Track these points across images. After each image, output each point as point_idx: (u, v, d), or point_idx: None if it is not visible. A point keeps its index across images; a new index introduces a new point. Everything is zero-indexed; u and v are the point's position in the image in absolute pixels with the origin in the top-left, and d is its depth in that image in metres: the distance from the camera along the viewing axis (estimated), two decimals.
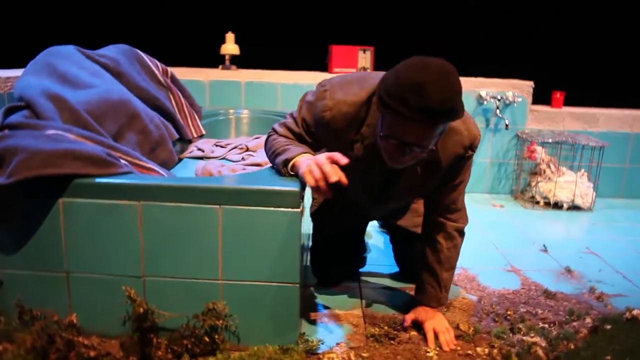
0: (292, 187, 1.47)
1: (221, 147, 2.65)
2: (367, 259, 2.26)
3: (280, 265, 1.51)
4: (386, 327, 1.70)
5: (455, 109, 1.33)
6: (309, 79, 3.16)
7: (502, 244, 2.49)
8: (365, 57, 3.24)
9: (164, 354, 1.50)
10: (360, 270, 2.17)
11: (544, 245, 2.44)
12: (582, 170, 3.06)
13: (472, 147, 1.56)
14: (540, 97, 3.29)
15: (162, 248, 1.51)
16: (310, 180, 1.41)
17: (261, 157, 2.30)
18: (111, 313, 1.54)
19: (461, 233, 1.71)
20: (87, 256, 1.53)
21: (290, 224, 1.48)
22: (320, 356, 1.55)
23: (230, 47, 3.17)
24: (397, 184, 1.63)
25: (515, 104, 3.09)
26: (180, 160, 2.55)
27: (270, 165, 1.63)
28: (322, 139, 1.59)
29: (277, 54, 3.52)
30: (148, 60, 2.62)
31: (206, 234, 1.49)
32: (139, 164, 1.83)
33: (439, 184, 1.64)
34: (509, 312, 1.82)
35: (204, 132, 2.77)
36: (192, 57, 3.41)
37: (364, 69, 3.24)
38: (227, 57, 3.23)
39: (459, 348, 1.62)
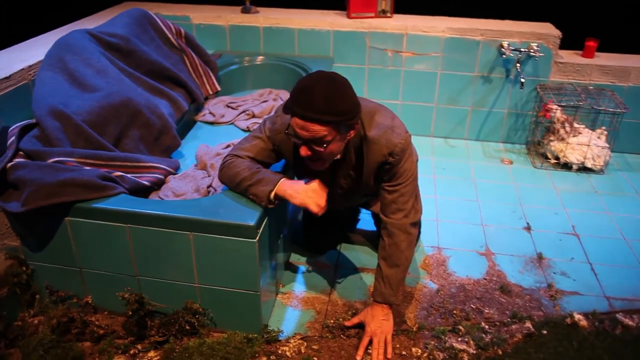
0: (249, 221, 1.71)
1: (232, 108, 2.82)
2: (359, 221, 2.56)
3: (243, 278, 1.81)
4: (340, 319, 2.01)
5: (341, 109, 1.55)
6: (326, 25, 3.13)
7: (489, 216, 2.62)
8: (385, 0, 3.11)
9: (155, 334, 1.92)
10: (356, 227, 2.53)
11: (527, 224, 2.55)
12: (602, 129, 2.97)
13: (393, 154, 1.74)
14: (575, 42, 3.09)
15: (149, 258, 1.85)
16: (317, 210, 1.73)
17: None
18: (117, 297, 1.93)
19: (403, 230, 1.82)
20: (93, 258, 1.90)
21: (248, 250, 1.74)
22: (278, 345, 1.90)
23: None
24: (338, 183, 1.90)
25: (536, 58, 2.94)
26: (194, 122, 2.79)
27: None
28: (282, 149, 1.86)
29: None
30: (161, 24, 2.74)
31: (182, 251, 1.80)
32: (138, 165, 2.10)
33: (376, 184, 1.86)
34: (455, 311, 2.05)
35: (219, 89, 2.94)
36: (210, 1, 3.44)
37: (384, 11, 3.14)
38: (247, 2, 3.23)
39: (397, 345, 1.92)
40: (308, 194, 1.74)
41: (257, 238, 1.73)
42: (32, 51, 2.49)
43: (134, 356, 1.85)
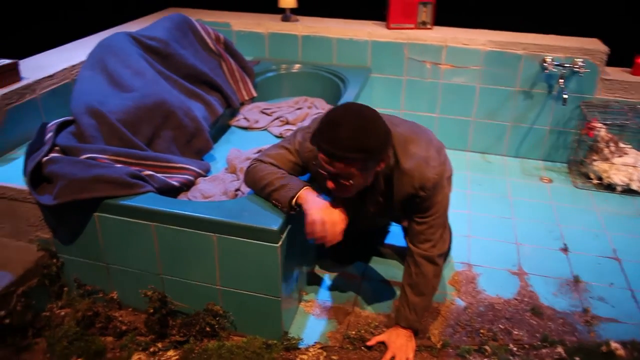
0: (273, 226, 1.69)
1: (267, 114, 2.84)
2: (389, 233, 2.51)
3: (264, 282, 1.80)
4: (362, 331, 1.96)
5: (368, 147, 1.51)
6: (364, 35, 3.12)
7: (524, 235, 2.52)
8: (425, 11, 3.07)
9: (176, 333, 1.92)
10: (384, 242, 2.45)
11: (564, 245, 2.44)
12: None
13: (424, 188, 1.68)
14: (624, 59, 2.97)
15: (173, 257, 1.86)
16: (311, 235, 1.68)
17: None
18: (141, 295, 1.94)
19: (430, 261, 1.79)
20: (119, 254, 1.93)
21: (270, 255, 1.73)
22: (296, 353, 1.87)
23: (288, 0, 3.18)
24: (366, 208, 1.85)
25: (581, 74, 2.84)
26: (228, 127, 2.81)
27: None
28: (308, 167, 1.83)
29: (335, 5, 3.43)
30: (201, 30, 2.79)
31: (205, 252, 1.80)
32: (169, 165, 2.12)
33: (405, 213, 1.81)
34: (482, 330, 1.97)
35: (255, 95, 2.96)
36: (251, 9, 3.48)
37: (424, 23, 3.10)
38: (287, 10, 3.26)
39: None
40: (324, 221, 1.66)
41: (280, 243, 1.71)
42: (76, 52, 2.58)
43: (154, 354, 1.86)
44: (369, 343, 1.89)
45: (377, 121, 1.54)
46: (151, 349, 1.87)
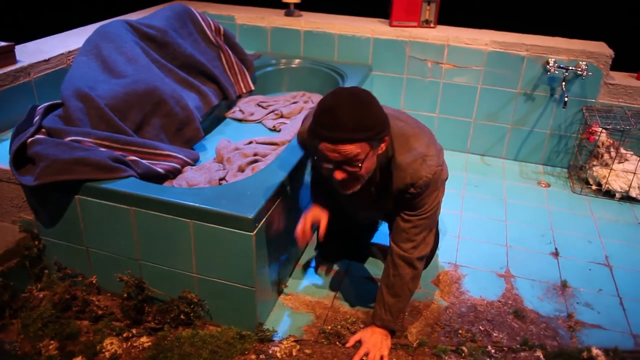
0: (248, 214, 1.68)
1: (262, 107, 2.83)
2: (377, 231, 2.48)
3: (238, 271, 1.79)
4: (339, 326, 1.94)
5: (370, 124, 1.48)
6: (366, 32, 3.09)
7: (515, 238, 2.47)
8: (429, 10, 3.04)
9: (151, 320, 1.92)
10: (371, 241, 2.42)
11: (555, 249, 2.38)
12: None
13: (415, 186, 1.65)
14: (632, 65, 2.90)
15: (151, 242, 1.86)
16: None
17: (284, 133, 2.47)
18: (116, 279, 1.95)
19: (408, 264, 1.76)
20: (99, 238, 1.94)
21: (244, 244, 1.72)
22: (269, 345, 1.86)
23: None
24: (357, 199, 1.79)
25: (584, 78, 2.78)
26: (224, 118, 2.82)
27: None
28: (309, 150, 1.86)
29: (340, 2, 3.41)
30: (201, 21, 2.80)
31: (182, 239, 1.79)
32: (155, 152, 2.13)
33: (395, 208, 1.77)
34: (461, 331, 1.93)
35: (253, 88, 2.96)
36: (257, 3, 3.48)
37: (427, 21, 3.06)
38: (291, 6, 3.26)
39: (394, 359, 1.82)
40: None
41: (255, 232, 1.70)
42: (76, 38, 2.61)
43: (127, 339, 1.86)
44: (347, 345, 1.87)
45: (373, 99, 1.52)
46: (125, 335, 1.87)
